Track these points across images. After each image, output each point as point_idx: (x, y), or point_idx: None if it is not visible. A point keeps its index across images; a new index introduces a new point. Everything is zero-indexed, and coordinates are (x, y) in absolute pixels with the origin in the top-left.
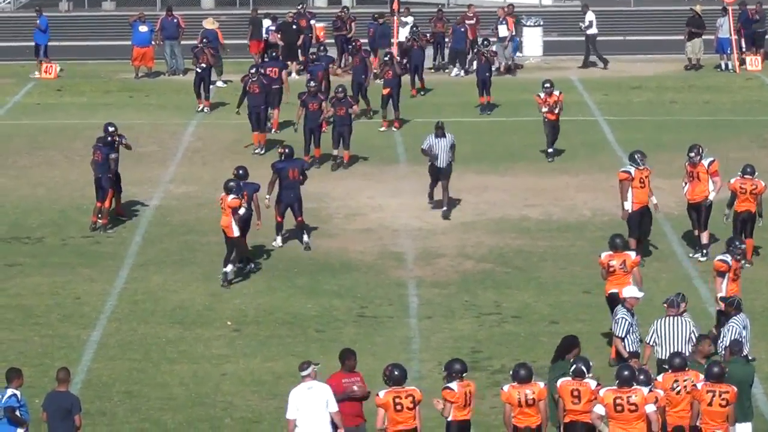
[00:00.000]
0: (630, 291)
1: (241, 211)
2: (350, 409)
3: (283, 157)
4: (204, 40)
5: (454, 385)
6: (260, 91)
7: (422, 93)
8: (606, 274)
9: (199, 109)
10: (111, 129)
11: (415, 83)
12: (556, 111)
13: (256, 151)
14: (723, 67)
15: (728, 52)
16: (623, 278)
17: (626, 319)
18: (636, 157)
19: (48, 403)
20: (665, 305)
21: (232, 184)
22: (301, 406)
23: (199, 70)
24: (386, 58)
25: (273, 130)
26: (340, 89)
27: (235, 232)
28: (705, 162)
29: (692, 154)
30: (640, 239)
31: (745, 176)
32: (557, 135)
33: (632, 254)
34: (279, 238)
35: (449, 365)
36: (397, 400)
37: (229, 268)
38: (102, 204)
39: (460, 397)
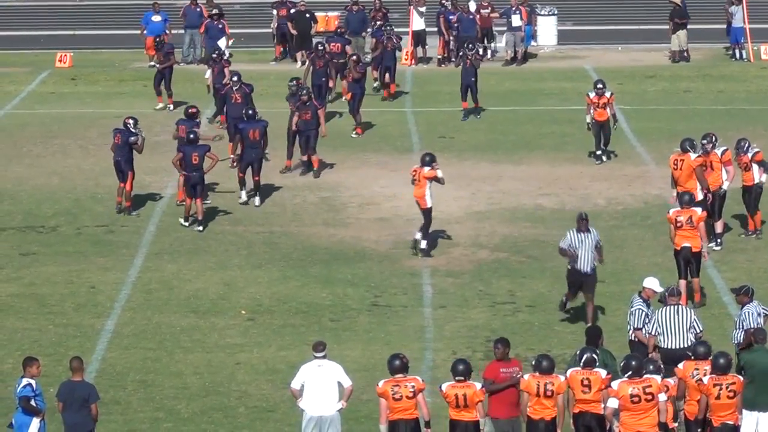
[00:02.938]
0: (650, 282)
1: (440, 174)
2: (513, 397)
3: (246, 118)
4: (158, 37)
5: (444, 384)
6: (243, 101)
7: (391, 99)
8: (674, 229)
9: (158, 107)
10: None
11: (385, 86)
12: (608, 112)
13: (235, 165)
14: (737, 56)
15: (742, 41)
16: (691, 232)
17: (642, 310)
18: (702, 143)
19: (63, 393)
20: (666, 294)
21: (428, 158)
22: (308, 382)
23: (158, 67)
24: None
25: (345, 98)
26: (304, 92)
27: (429, 203)
28: (718, 151)
29: (704, 142)
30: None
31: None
32: (609, 136)
33: (698, 210)
34: (243, 193)
35: (452, 364)
36: (396, 389)
37: (419, 235)
38: (125, 185)
39: (449, 397)
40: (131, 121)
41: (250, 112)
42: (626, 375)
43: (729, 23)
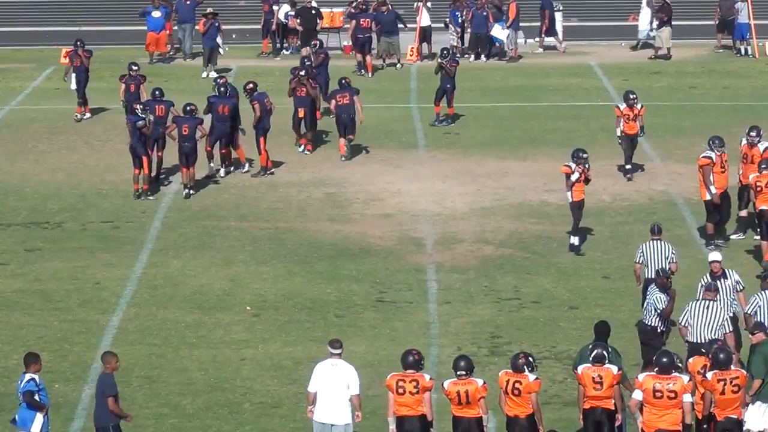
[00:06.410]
0: (714, 255)
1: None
2: None
3: (218, 94)
4: (78, 42)
5: (446, 382)
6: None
7: (330, 115)
8: (755, 194)
9: (77, 119)
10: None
11: (320, 105)
12: (637, 124)
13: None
14: (742, 52)
15: (747, 37)
16: None
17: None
18: (715, 142)
19: (96, 383)
20: (703, 288)
21: (576, 159)
22: (322, 381)
23: (74, 73)
24: (301, 73)
25: (369, 74)
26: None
27: (568, 197)
28: (761, 146)
29: (753, 134)
30: (719, 223)
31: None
32: (634, 150)
33: None
34: (212, 164)
35: (454, 360)
36: (400, 384)
37: (576, 240)
38: (139, 171)
39: (451, 394)
40: (139, 106)
41: (222, 89)
42: (655, 370)
43: (725, 19)
